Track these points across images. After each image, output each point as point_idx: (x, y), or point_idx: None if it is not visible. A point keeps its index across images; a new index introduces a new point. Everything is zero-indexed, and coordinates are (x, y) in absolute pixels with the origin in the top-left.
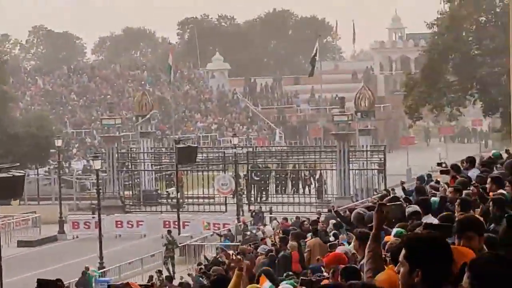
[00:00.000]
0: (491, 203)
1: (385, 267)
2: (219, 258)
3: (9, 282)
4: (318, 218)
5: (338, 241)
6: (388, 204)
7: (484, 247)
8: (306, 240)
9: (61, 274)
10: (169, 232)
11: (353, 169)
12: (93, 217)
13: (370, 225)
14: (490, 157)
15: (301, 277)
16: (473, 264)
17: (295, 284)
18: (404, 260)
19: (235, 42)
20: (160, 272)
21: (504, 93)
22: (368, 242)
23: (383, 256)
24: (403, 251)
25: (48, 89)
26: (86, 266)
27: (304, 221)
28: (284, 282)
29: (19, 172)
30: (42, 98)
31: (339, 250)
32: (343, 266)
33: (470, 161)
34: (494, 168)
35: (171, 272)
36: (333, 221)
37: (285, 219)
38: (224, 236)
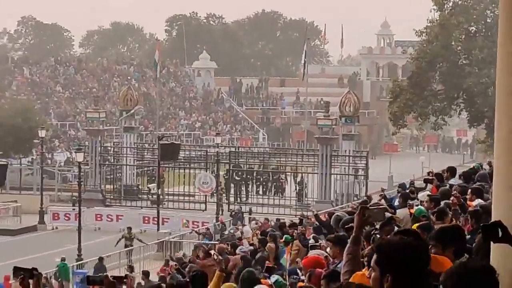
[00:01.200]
0: (468, 215)
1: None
2: (198, 256)
3: None
4: (301, 220)
5: (320, 244)
6: (370, 207)
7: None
8: (281, 240)
9: (39, 264)
10: (129, 228)
11: (334, 174)
12: (73, 209)
13: (347, 226)
14: (473, 167)
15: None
16: (444, 275)
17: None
18: (375, 265)
19: (222, 42)
20: (131, 267)
21: (490, 104)
22: (348, 245)
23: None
24: (374, 256)
25: (34, 79)
26: (62, 257)
27: (284, 223)
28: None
29: (2, 161)
30: (28, 88)
31: (314, 253)
32: (319, 270)
33: (451, 171)
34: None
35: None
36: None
37: (267, 219)
38: (202, 235)
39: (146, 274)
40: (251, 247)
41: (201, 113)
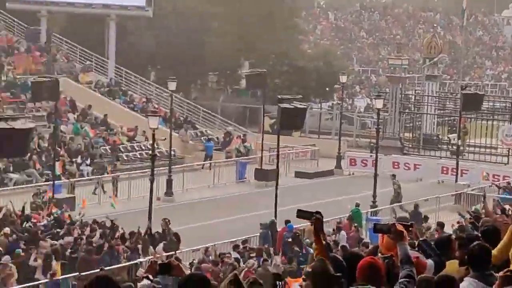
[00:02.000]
0: None
1: None
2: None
3: (281, 210)
4: None
5: None
6: None
7: None
8: None
9: (333, 208)
10: (393, 176)
11: None
12: (370, 156)
13: None
14: None
15: None
16: None
17: None
18: None
19: None
20: (426, 217)
21: None
22: None
23: None
24: None
25: (339, 24)
26: (356, 202)
27: None
28: None
29: (302, 105)
30: (332, 33)
31: None
32: None
33: None
34: None
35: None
36: None
37: None
38: (503, 189)
39: (441, 225)
40: None
41: (508, 63)
